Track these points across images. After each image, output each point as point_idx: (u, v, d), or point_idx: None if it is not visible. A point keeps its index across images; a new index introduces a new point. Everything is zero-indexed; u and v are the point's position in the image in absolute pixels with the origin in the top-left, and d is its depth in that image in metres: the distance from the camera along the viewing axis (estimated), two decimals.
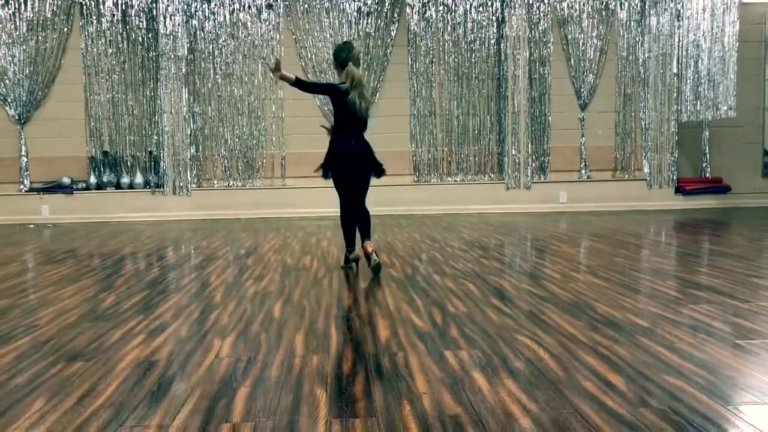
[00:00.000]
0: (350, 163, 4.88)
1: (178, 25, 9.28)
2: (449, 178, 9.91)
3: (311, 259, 5.53)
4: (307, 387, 2.40)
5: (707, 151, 10.00)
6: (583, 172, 9.97)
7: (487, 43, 9.82)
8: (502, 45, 9.76)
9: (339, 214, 5.11)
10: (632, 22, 9.88)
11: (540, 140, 9.90)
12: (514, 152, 9.67)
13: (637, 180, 9.92)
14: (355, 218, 4.98)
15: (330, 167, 4.96)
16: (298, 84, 4.71)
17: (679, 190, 9.86)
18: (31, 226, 8.92)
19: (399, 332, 3.12)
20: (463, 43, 9.81)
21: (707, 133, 9.95)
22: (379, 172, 5.07)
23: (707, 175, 10.00)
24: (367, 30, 9.67)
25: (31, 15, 9.40)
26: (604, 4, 9.86)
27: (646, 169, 9.93)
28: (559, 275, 4.55)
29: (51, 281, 4.70)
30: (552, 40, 9.82)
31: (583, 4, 9.84)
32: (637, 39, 9.88)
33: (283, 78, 4.64)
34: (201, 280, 4.63)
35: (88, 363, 2.72)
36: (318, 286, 4.35)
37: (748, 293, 3.86)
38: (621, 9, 9.86)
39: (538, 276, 4.54)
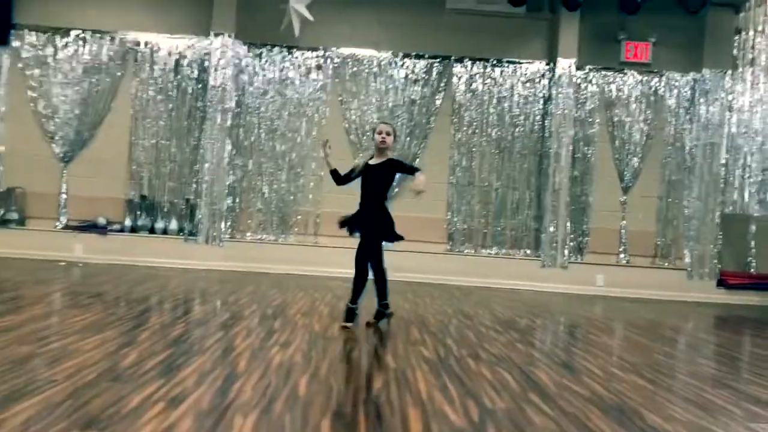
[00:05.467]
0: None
1: (228, 78, 9.42)
2: (484, 250, 9.73)
3: (336, 327, 5.35)
4: None
5: (753, 245, 9.68)
6: (622, 256, 9.71)
7: (531, 118, 9.78)
8: (546, 122, 9.70)
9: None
10: (681, 109, 9.76)
11: (579, 220, 9.70)
12: (552, 230, 9.47)
13: (677, 269, 9.61)
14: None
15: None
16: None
17: (721, 283, 9.51)
18: (62, 263, 8.91)
19: (432, 428, 2.91)
20: (508, 116, 9.79)
21: (754, 227, 9.65)
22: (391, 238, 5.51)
23: (752, 270, 9.65)
24: (413, 97, 9.71)
25: (88, 58, 9.65)
26: (653, 89, 9.78)
27: (687, 259, 9.63)
28: (601, 371, 4.30)
29: (75, 329, 4.58)
30: (598, 120, 9.74)
31: (632, 88, 9.77)
32: (684, 126, 9.74)
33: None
34: (226, 342, 4.48)
35: None
36: (346, 361, 4.16)
37: None
38: (670, 96, 9.77)
39: (578, 370, 4.29)
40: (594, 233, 9.71)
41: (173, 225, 9.60)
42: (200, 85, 9.68)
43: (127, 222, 9.57)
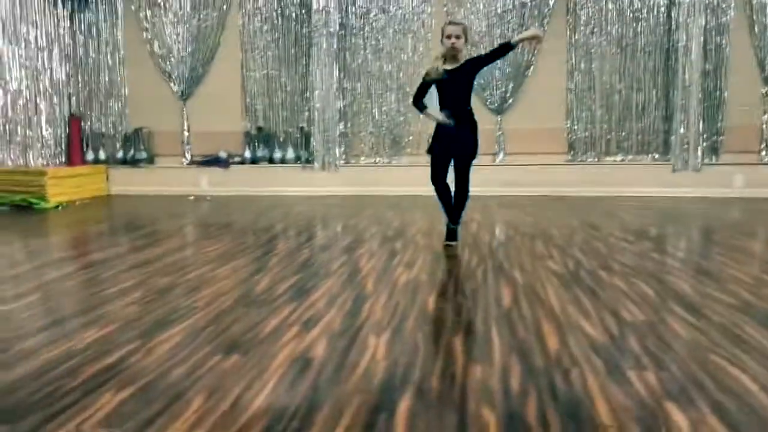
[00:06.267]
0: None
1: (330, 0, 9.25)
2: (608, 158, 9.22)
3: (461, 244, 5.27)
4: (472, 405, 2.16)
5: None
6: (765, 153, 8.89)
7: (656, 10, 8.95)
8: (672, 12, 8.84)
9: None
10: None
11: (713, 118, 8.91)
12: (683, 131, 8.79)
13: None
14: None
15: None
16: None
17: None
18: (191, 197, 9.36)
19: (569, 342, 2.80)
20: (629, 11, 9.00)
21: None
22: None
23: None
24: (523, 0, 9.14)
25: None
26: None
27: None
28: (750, 278, 3.97)
29: (208, 258, 4.80)
30: (733, 5, 8.76)
31: None
32: None
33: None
34: (351, 265, 4.53)
35: (244, 357, 2.65)
36: (472, 277, 4.09)
37: None
38: None
39: (724, 278, 3.99)
40: (730, 131, 8.90)
41: (290, 154, 9.78)
42: (304, 11, 9.58)
43: (247, 154, 9.85)
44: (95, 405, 2.20)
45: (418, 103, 5.17)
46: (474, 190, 5.23)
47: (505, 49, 4.80)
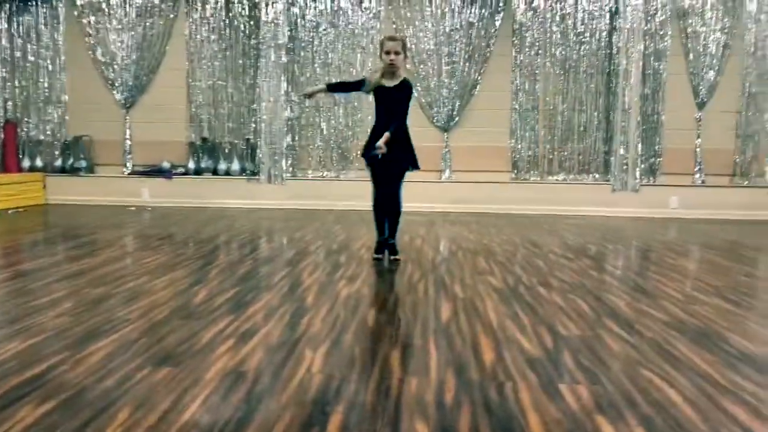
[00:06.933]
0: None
1: (280, 12, 9.23)
2: (550, 177, 9.43)
3: (405, 258, 5.28)
4: (406, 419, 2.15)
5: None
6: (698, 176, 9.24)
7: (598, 34, 9.25)
8: (614, 37, 9.15)
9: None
10: (762, 15, 9.02)
11: (651, 140, 9.23)
12: (622, 152, 9.06)
13: (758, 187, 9.09)
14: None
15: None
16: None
17: None
18: (132, 208, 9.13)
19: (505, 356, 2.82)
20: (572, 34, 9.28)
21: None
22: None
23: None
24: (470, 20, 9.30)
25: (140, 1, 9.60)
26: None
27: None
28: (681, 295, 4.10)
29: (147, 269, 4.68)
30: (670, 33, 9.12)
31: None
32: (766, 33, 9.02)
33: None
34: (293, 277, 4.48)
35: (175, 369, 2.57)
36: (413, 292, 4.10)
37: None
38: (750, 0, 9.02)
39: (656, 295, 4.10)
40: (667, 153, 9.25)
41: (235, 166, 9.66)
42: (252, 22, 9.53)
43: (191, 165, 9.69)
44: (14, 417, 2.10)
45: (336, 88, 5.30)
46: (419, 206, 5.29)
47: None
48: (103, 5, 9.64)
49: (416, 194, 8.02)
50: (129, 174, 9.78)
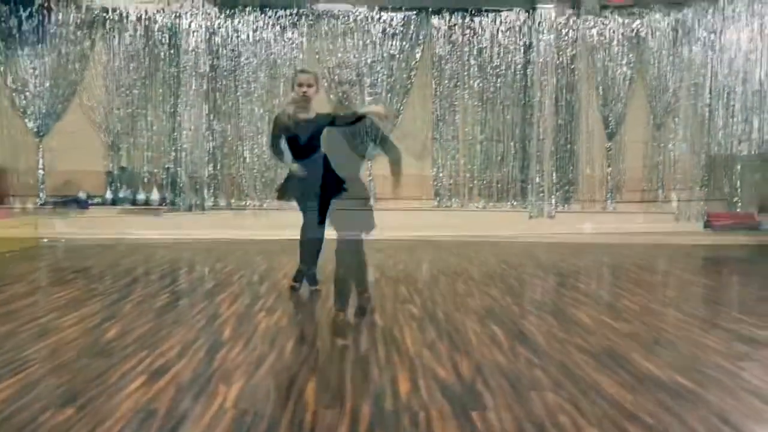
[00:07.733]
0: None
1: (201, 41, 9.17)
2: (471, 204, 9.66)
3: (325, 289, 5.28)
4: None
5: (739, 186, 9.65)
6: (609, 202, 9.67)
7: (513, 68, 9.60)
8: (528, 70, 9.53)
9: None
10: (663, 51, 9.61)
11: (565, 169, 9.62)
12: (538, 180, 9.40)
13: (665, 213, 9.58)
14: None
15: None
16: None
17: (707, 225, 9.50)
18: (45, 240, 8.76)
19: (420, 385, 2.86)
20: (489, 67, 9.60)
21: (739, 167, 9.61)
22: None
23: (738, 210, 9.63)
24: (391, 52, 9.49)
25: (54, 28, 9.33)
26: (634, 32, 9.61)
27: (674, 202, 9.61)
28: (591, 320, 4.26)
29: (56, 305, 4.50)
30: (581, 66, 9.58)
31: (613, 32, 9.59)
32: (668, 68, 9.60)
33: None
34: (211, 310, 4.41)
35: (80, 411, 2.49)
36: (333, 322, 4.11)
37: None
38: (652, 38, 9.60)
39: (568, 319, 4.26)
40: (580, 181, 9.65)
41: (155, 195, 9.43)
42: (172, 51, 9.41)
43: (108, 195, 9.39)
44: None
45: (276, 149, 5.19)
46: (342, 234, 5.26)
47: (355, 119, 4.81)
48: (14, 31, 9.30)
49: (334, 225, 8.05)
50: (41, 205, 9.39)
